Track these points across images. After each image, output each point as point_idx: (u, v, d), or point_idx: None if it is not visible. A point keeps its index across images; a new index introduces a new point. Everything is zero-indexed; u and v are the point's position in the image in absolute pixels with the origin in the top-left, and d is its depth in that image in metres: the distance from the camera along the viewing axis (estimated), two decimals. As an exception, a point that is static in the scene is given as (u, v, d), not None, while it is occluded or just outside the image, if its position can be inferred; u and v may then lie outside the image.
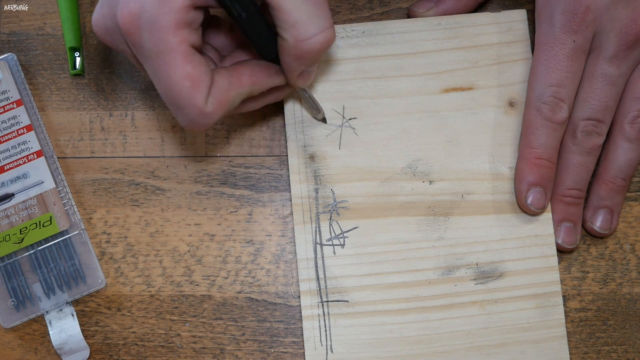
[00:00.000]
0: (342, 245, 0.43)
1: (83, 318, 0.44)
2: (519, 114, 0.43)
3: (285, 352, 0.43)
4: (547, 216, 0.43)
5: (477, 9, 0.46)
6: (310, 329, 0.42)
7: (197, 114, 0.35)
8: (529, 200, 0.42)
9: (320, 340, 0.42)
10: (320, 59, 0.36)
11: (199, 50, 0.35)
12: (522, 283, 0.42)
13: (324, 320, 0.42)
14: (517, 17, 0.44)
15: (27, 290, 0.43)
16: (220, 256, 0.44)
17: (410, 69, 0.44)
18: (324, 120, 0.43)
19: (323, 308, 0.42)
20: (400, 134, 0.44)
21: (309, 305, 0.42)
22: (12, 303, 0.43)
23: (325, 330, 0.42)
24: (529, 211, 0.42)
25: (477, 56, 0.44)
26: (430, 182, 0.43)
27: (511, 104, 0.44)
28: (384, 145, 0.43)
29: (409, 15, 0.45)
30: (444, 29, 0.44)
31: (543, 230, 0.43)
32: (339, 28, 0.44)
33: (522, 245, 0.42)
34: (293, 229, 0.43)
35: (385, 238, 0.43)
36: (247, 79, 0.37)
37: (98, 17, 0.35)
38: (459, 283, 0.42)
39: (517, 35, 0.44)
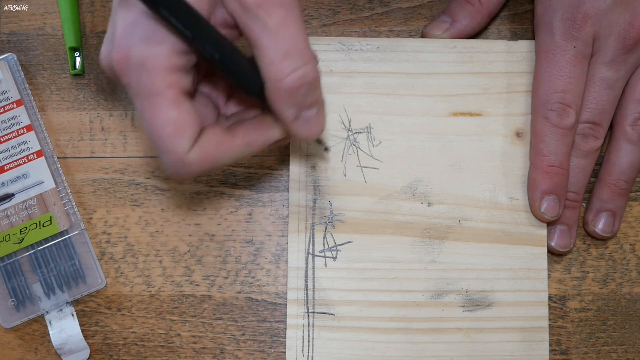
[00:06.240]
0: (334, 258, 0.43)
1: (83, 318, 0.44)
2: (526, 145, 0.43)
3: (285, 352, 0.43)
4: (541, 250, 0.43)
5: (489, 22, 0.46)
6: (293, 338, 0.42)
7: (176, 161, 0.33)
8: (543, 209, 0.41)
9: (302, 350, 0.42)
10: (315, 102, 0.34)
11: (190, 95, 0.34)
12: (510, 315, 0.42)
13: (308, 331, 0.42)
14: (532, 48, 0.44)
15: (27, 290, 0.43)
16: (220, 256, 0.44)
17: (421, 88, 0.44)
18: (326, 149, 0.43)
19: (308, 319, 0.42)
20: (404, 152, 0.43)
21: (294, 315, 0.42)
22: (12, 303, 0.43)
23: (309, 341, 0.42)
24: (543, 219, 0.42)
25: (489, 83, 0.44)
26: (429, 204, 0.43)
27: (518, 135, 0.43)
28: (387, 163, 0.43)
29: (423, 36, 0.45)
30: (459, 52, 0.44)
31: (537, 264, 0.42)
32: (354, 41, 0.44)
33: (514, 277, 0.42)
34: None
35: (378, 255, 0.43)
36: (239, 140, 0.35)
37: (102, 53, 0.34)
38: (447, 308, 0.42)
39: (530, 66, 0.44)
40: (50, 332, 0.43)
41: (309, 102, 0.34)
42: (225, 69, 0.34)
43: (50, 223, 0.43)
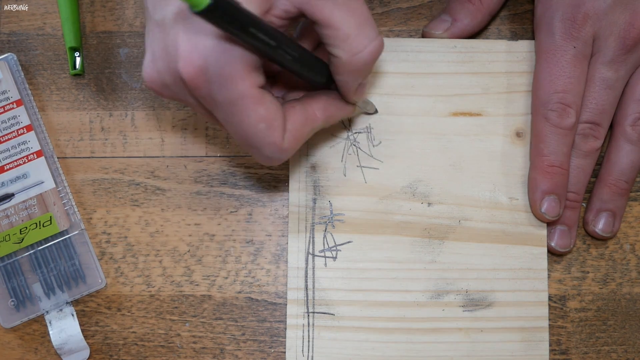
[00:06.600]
0: (334, 258, 0.43)
1: (83, 318, 0.44)
2: (526, 145, 0.43)
3: (285, 352, 0.43)
4: (541, 250, 0.43)
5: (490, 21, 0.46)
6: (293, 338, 0.42)
7: (274, 152, 0.35)
8: (544, 209, 0.41)
9: (302, 350, 0.42)
10: (372, 70, 0.37)
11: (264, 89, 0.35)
12: (510, 315, 0.42)
13: (308, 330, 0.42)
14: (532, 48, 0.44)
15: (27, 290, 0.43)
16: (220, 256, 0.44)
17: (421, 89, 0.44)
18: (375, 111, 0.44)
19: (308, 318, 0.42)
20: (404, 152, 0.43)
21: (294, 315, 0.42)
22: (12, 303, 0.43)
23: (309, 341, 0.42)
24: (544, 219, 0.42)
25: (489, 83, 0.44)
26: (429, 204, 0.43)
27: (518, 135, 0.43)
28: (387, 163, 0.43)
29: (424, 35, 0.45)
30: (459, 52, 0.44)
31: (536, 264, 0.42)
32: None
33: (514, 277, 0.42)
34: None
35: (378, 255, 0.43)
36: (320, 114, 0.37)
37: (152, 73, 0.34)
38: (447, 308, 0.42)
39: (530, 66, 0.44)
40: (50, 332, 0.43)
41: (371, 70, 0.36)
42: (299, 67, 0.35)
43: (50, 223, 0.43)
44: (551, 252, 0.43)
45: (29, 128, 0.44)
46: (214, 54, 0.32)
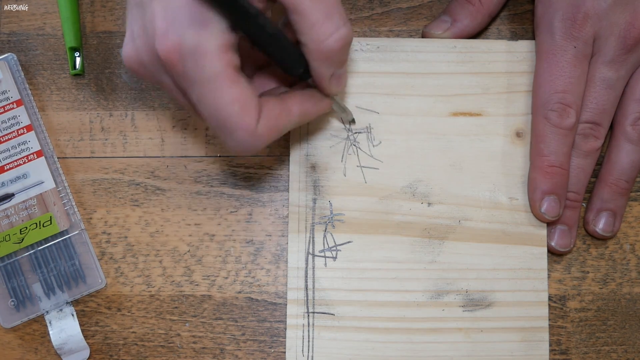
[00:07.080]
0: (334, 258, 0.43)
1: (83, 318, 0.44)
2: (526, 145, 0.43)
3: (285, 352, 0.43)
4: (541, 250, 0.43)
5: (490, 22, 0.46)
6: (293, 338, 0.42)
7: (247, 136, 0.35)
8: (543, 209, 0.41)
9: (302, 350, 0.42)
10: (346, 60, 0.36)
11: (240, 71, 0.35)
12: (510, 315, 0.42)
13: (308, 330, 0.42)
14: (532, 48, 0.44)
15: (27, 290, 0.43)
16: (220, 256, 0.44)
17: (421, 88, 0.44)
18: (352, 121, 0.43)
19: (308, 318, 0.42)
20: (404, 152, 0.43)
21: (294, 315, 0.42)
22: (12, 303, 0.43)
23: (309, 341, 0.42)
24: (544, 219, 0.42)
25: (489, 83, 0.44)
26: (429, 204, 0.43)
27: (518, 135, 0.43)
28: (387, 163, 0.43)
29: (424, 36, 0.45)
30: (458, 52, 0.44)
31: (537, 264, 0.42)
32: (354, 41, 0.44)
33: (514, 277, 0.42)
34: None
35: (378, 255, 0.43)
36: (296, 108, 0.37)
37: (130, 52, 0.35)
38: (447, 308, 0.42)
39: (530, 66, 0.44)
40: (50, 332, 0.43)
41: (343, 60, 0.36)
42: (274, 49, 0.35)
43: (50, 223, 0.43)
44: (551, 252, 0.43)
45: (29, 128, 0.44)
46: (190, 31, 0.32)
